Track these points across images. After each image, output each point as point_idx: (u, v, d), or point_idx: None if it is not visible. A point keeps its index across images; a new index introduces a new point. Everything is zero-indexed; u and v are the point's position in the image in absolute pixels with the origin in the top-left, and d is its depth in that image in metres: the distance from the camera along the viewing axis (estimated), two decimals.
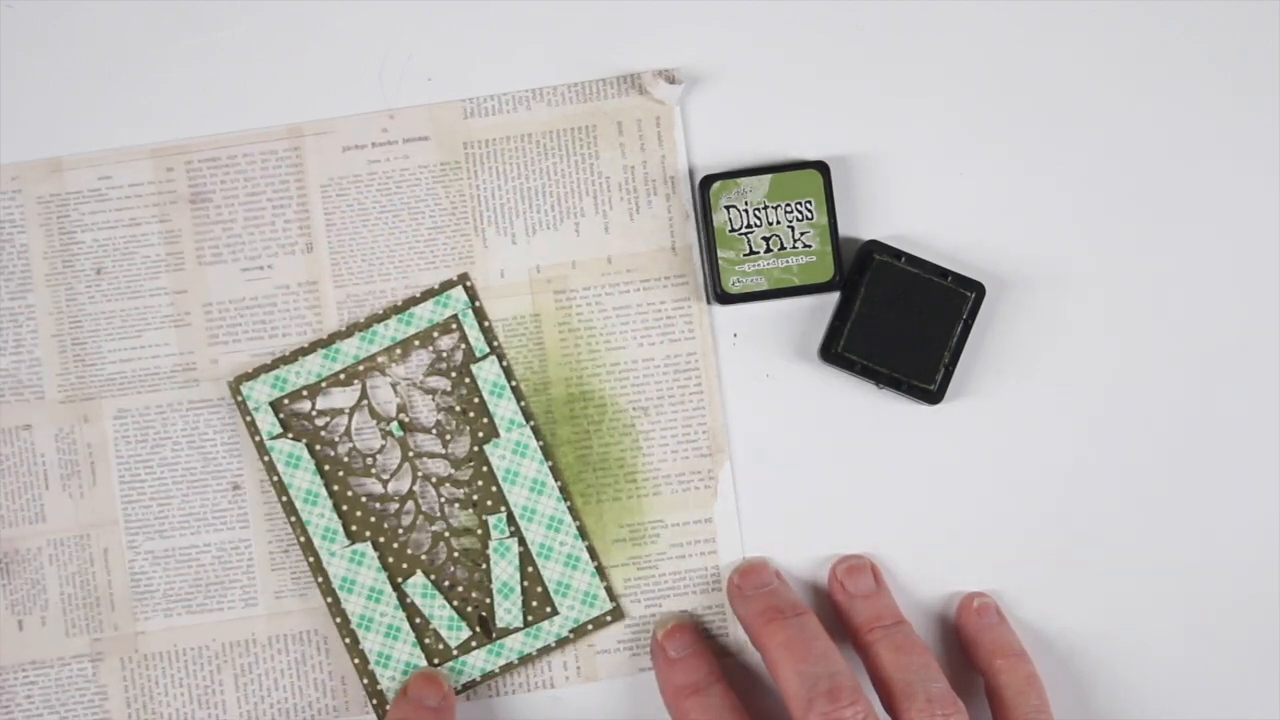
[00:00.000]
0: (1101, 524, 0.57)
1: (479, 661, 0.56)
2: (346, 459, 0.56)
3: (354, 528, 0.56)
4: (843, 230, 0.56)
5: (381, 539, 0.56)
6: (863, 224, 0.57)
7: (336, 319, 0.57)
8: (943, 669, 0.52)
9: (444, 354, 0.57)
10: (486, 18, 0.57)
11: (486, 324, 0.56)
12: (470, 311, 0.56)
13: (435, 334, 0.56)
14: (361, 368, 0.56)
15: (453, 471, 0.56)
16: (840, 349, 0.56)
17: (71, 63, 0.57)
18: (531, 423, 0.56)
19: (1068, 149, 0.58)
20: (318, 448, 0.56)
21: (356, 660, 0.56)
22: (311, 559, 0.56)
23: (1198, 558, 0.57)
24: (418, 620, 0.56)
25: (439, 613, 0.56)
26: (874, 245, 0.56)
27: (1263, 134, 0.58)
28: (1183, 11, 0.58)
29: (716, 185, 0.56)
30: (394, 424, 0.56)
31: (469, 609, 0.56)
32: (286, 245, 0.57)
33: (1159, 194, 0.58)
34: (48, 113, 0.57)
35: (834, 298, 0.56)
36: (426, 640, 0.56)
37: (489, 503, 0.56)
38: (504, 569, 0.56)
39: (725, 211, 0.56)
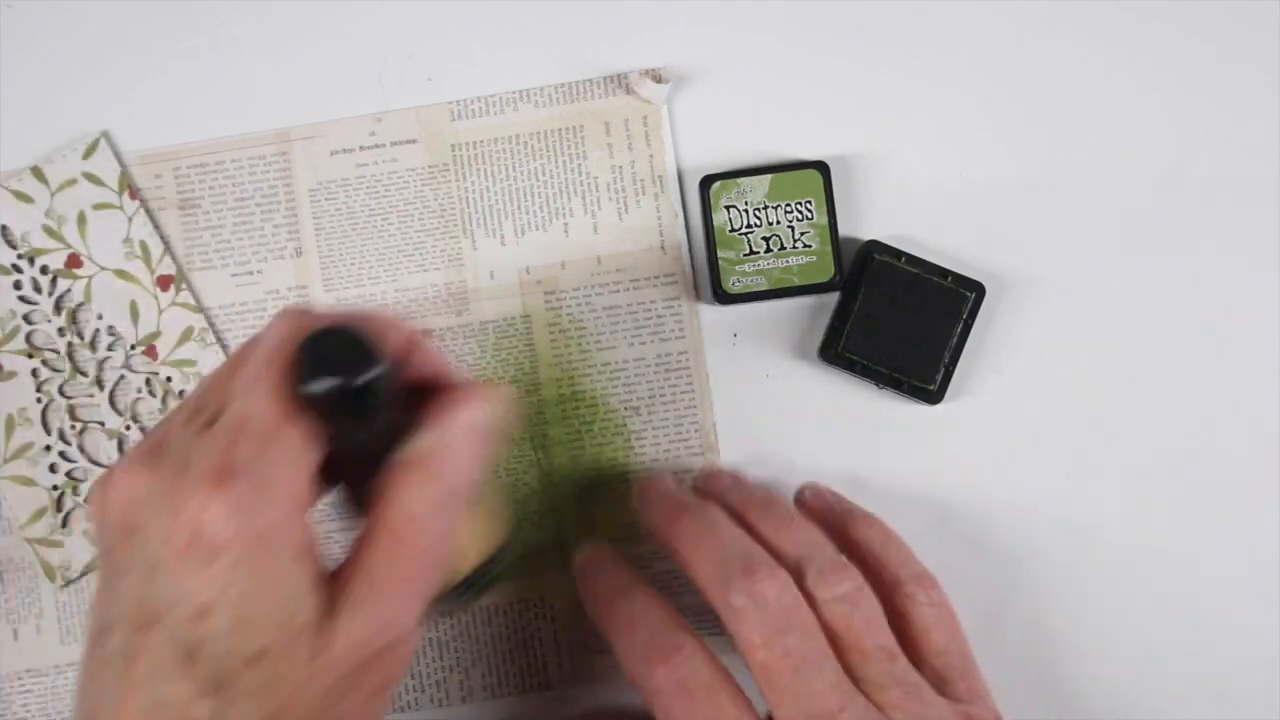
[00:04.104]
0: (1102, 524, 0.55)
1: None
2: None
3: None
4: (843, 230, 0.54)
5: None
6: (863, 224, 0.55)
7: None
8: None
9: None
10: (469, 20, 0.55)
11: None
12: None
13: None
14: None
15: None
16: (840, 349, 0.53)
17: (55, 71, 0.55)
18: None
19: (1069, 148, 0.55)
20: None
21: None
22: None
23: (1199, 557, 0.55)
24: None
25: None
26: (874, 245, 0.54)
27: (1266, 131, 0.55)
28: (1183, 10, 0.55)
29: (716, 185, 0.54)
30: None
31: None
32: (276, 250, 0.55)
33: (1160, 194, 0.55)
34: (32, 121, 0.55)
35: (834, 298, 0.54)
36: None
37: None
38: None
39: (725, 211, 0.54)
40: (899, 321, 0.53)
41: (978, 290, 0.53)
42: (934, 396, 0.53)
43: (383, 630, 0.38)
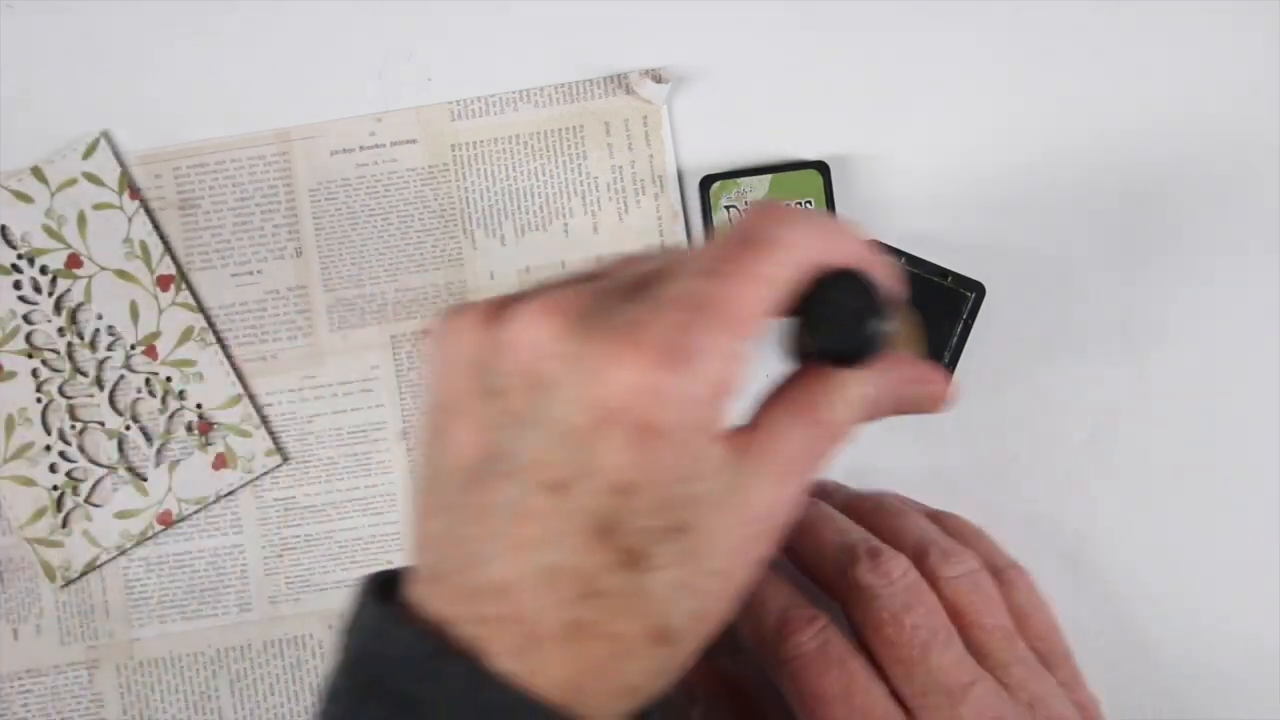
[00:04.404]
0: (1101, 524, 0.54)
1: None
2: None
3: None
4: None
5: None
6: (863, 224, 0.54)
7: (326, 323, 0.54)
8: None
9: None
10: (469, 20, 0.55)
11: None
12: None
13: None
14: None
15: None
16: None
17: (55, 71, 0.55)
18: None
19: (1069, 148, 0.55)
20: None
21: None
22: None
23: (1198, 556, 0.54)
24: None
25: None
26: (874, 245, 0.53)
27: (1267, 130, 0.55)
28: (1185, 9, 0.55)
29: (716, 185, 0.54)
30: None
31: None
32: (276, 250, 0.55)
33: (1162, 192, 0.55)
34: (33, 121, 0.55)
35: None
36: None
37: None
38: None
39: (725, 212, 0.54)
40: None
41: (978, 290, 0.53)
42: None
43: (786, 509, 0.36)
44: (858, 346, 0.36)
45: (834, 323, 0.36)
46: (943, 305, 0.53)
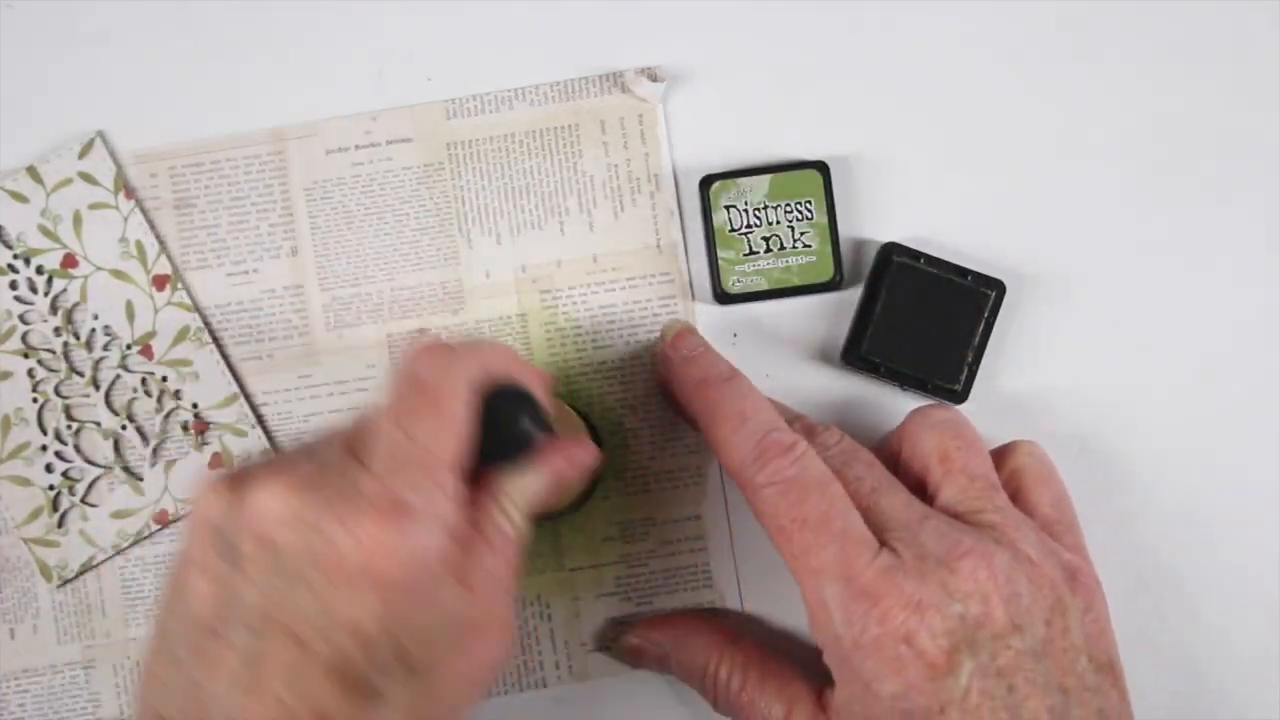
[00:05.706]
0: (1126, 515, 0.54)
1: None
2: None
3: None
4: (843, 230, 0.54)
5: None
6: (863, 224, 0.55)
7: (322, 322, 0.54)
8: None
9: None
10: (465, 19, 0.55)
11: None
12: None
13: None
14: None
15: None
16: (864, 352, 0.53)
17: (51, 71, 0.55)
18: None
19: (1069, 147, 0.55)
20: None
21: None
22: None
23: (1200, 557, 0.54)
24: None
25: None
26: (893, 247, 0.53)
27: (1271, 122, 0.55)
28: (1187, 8, 0.55)
29: (716, 185, 0.53)
30: None
31: None
32: (271, 249, 0.54)
33: (1171, 185, 0.55)
34: (28, 120, 0.55)
35: (834, 297, 0.54)
36: None
37: None
38: None
39: (725, 211, 0.53)
40: (920, 322, 0.53)
41: (998, 288, 0.53)
42: (959, 396, 0.53)
43: (504, 630, 0.41)
44: (514, 444, 0.42)
45: (495, 429, 0.41)
46: (964, 304, 0.53)
